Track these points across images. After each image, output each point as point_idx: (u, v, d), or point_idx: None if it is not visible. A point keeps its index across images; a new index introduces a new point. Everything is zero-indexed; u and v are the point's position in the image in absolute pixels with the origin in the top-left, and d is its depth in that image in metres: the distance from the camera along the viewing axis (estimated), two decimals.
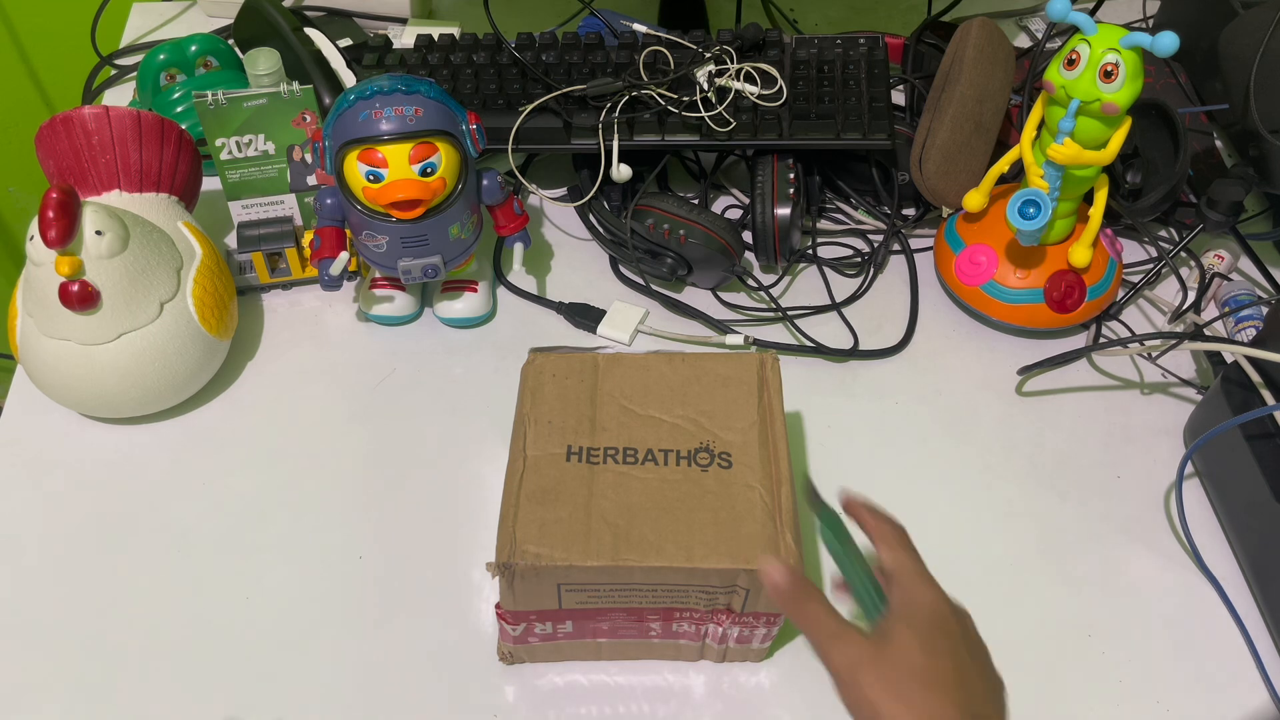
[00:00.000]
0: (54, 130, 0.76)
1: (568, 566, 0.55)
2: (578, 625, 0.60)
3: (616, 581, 0.56)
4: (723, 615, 0.60)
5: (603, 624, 0.60)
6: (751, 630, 0.61)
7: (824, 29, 1.09)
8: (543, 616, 0.59)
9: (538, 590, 0.56)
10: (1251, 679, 0.67)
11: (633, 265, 0.85)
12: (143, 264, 0.70)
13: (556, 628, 0.60)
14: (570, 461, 0.59)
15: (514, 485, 0.58)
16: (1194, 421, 0.76)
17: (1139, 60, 0.69)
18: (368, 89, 0.72)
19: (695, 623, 0.60)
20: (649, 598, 0.58)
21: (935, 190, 0.84)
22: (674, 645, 0.63)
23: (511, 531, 0.55)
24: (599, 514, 0.56)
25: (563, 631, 0.61)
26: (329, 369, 0.80)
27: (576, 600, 0.58)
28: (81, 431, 0.76)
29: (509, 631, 0.60)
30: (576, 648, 0.63)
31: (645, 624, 0.60)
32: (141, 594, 0.68)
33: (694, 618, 0.60)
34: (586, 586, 0.56)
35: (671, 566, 0.55)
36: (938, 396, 0.80)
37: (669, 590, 0.57)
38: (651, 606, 0.59)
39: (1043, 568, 0.71)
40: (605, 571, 0.55)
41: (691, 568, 0.55)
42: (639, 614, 0.59)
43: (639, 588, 0.57)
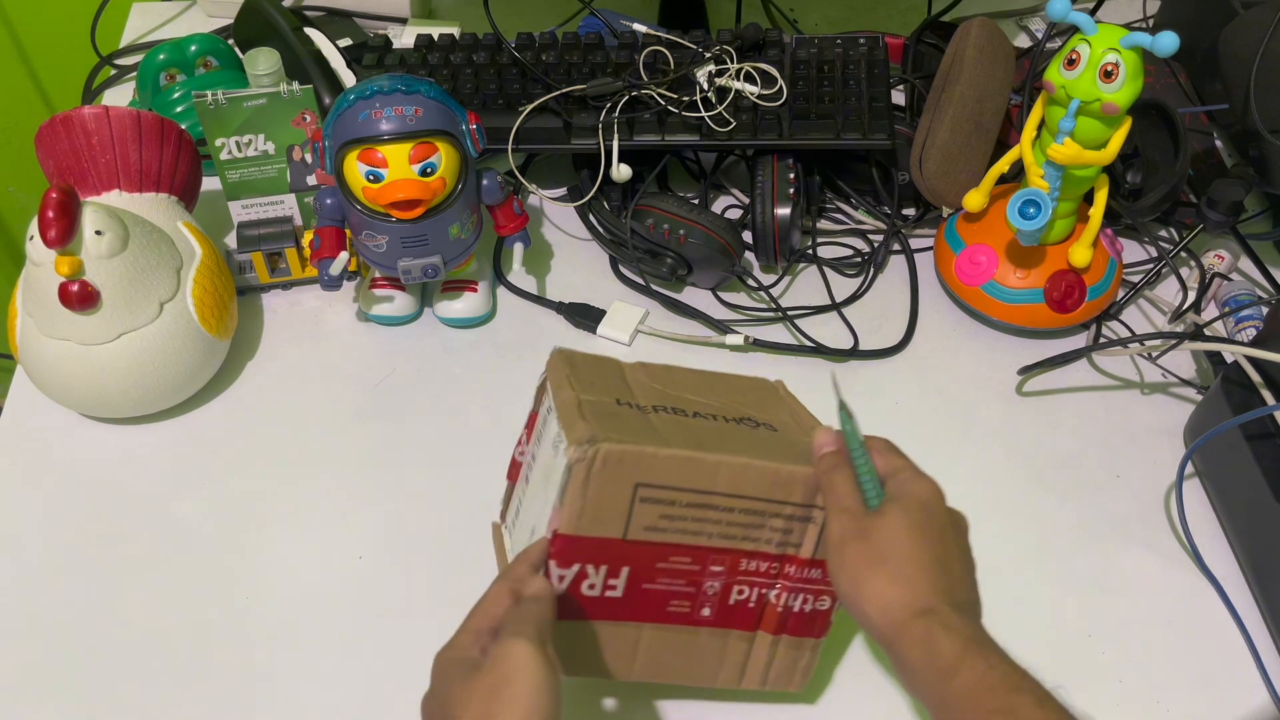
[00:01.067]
0: (54, 130, 0.76)
1: (654, 454, 0.52)
2: (630, 586, 0.55)
3: (698, 489, 0.53)
4: (790, 566, 0.57)
5: (659, 582, 0.55)
6: (813, 607, 0.58)
7: (824, 29, 1.09)
8: (599, 555, 0.54)
9: (612, 496, 0.52)
10: (1251, 679, 0.67)
11: (633, 265, 0.85)
12: (143, 264, 0.70)
13: (607, 585, 0.54)
14: (622, 406, 0.56)
15: (570, 401, 0.54)
16: (1194, 421, 0.76)
17: (1139, 60, 0.69)
18: (368, 89, 0.72)
19: (759, 582, 0.57)
20: (723, 527, 0.55)
21: (935, 190, 0.84)
22: (721, 641, 0.58)
23: (584, 419, 0.52)
24: (669, 432, 0.54)
25: (611, 593, 0.55)
26: (329, 369, 0.80)
27: (648, 521, 0.54)
28: (81, 431, 0.76)
29: (555, 576, 0.54)
30: (613, 638, 0.56)
31: (703, 585, 0.56)
32: (141, 594, 0.68)
33: (760, 571, 0.57)
34: (665, 497, 0.53)
35: (759, 464, 0.54)
36: (938, 396, 0.80)
37: (748, 514, 0.55)
38: (722, 545, 0.55)
39: (1043, 568, 0.71)
40: (690, 467, 0.53)
41: (779, 467, 0.55)
42: (702, 559, 0.55)
43: (718, 510, 0.54)
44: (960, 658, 0.49)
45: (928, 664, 0.50)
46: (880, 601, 0.51)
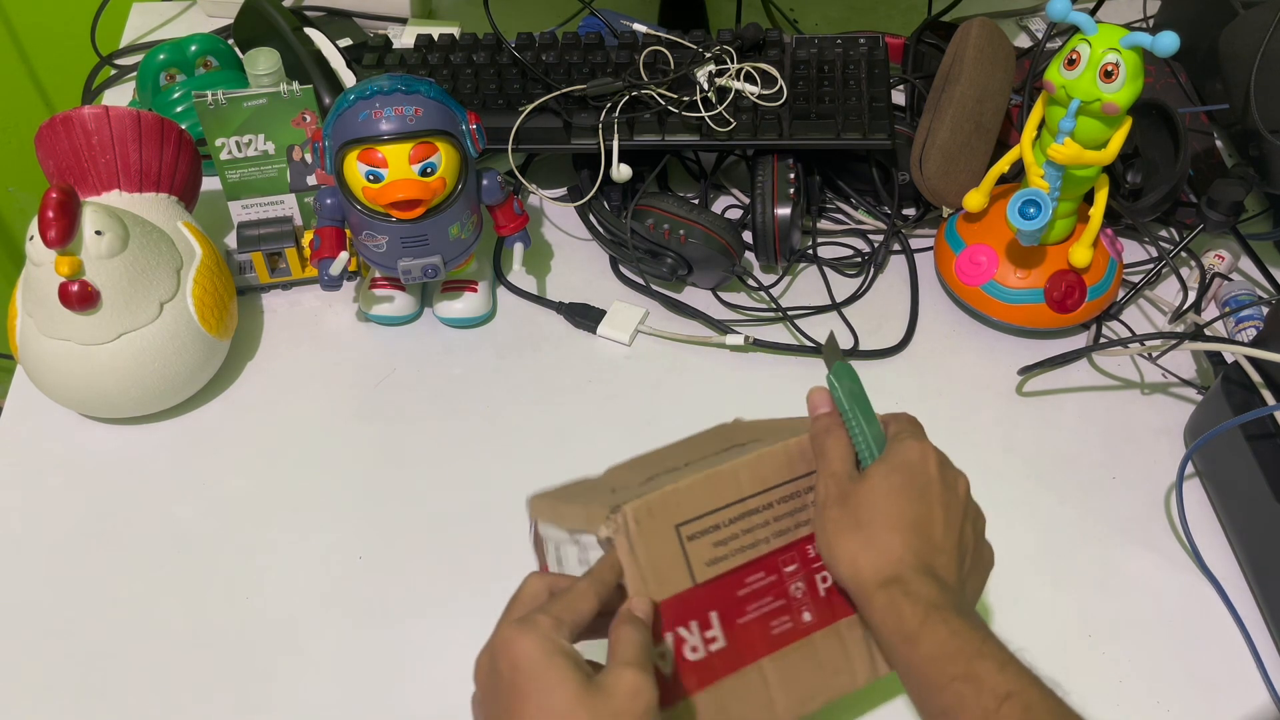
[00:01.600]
0: (54, 130, 0.76)
1: (675, 490, 0.52)
2: (728, 629, 0.53)
3: (730, 503, 0.53)
4: None
5: (750, 610, 0.54)
6: None
7: (824, 29, 1.09)
8: (684, 614, 0.52)
9: (661, 549, 0.52)
10: (1251, 679, 0.67)
11: (633, 265, 0.85)
12: (142, 264, 0.70)
13: (707, 640, 0.52)
14: (619, 492, 0.55)
15: (576, 514, 0.54)
16: (1194, 421, 0.76)
17: (1139, 60, 0.69)
18: (368, 89, 0.72)
19: None
20: (773, 525, 0.54)
21: (935, 190, 0.84)
22: (836, 638, 0.55)
23: (599, 508, 0.52)
24: (673, 479, 0.54)
25: (715, 646, 0.52)
26: (329, 369, 0.80)
27: (706, 555, 0.53)
28: (81, 431, 0.76)
29: (660, 665, 0.50)
30: (742, 691, 0.53)
31: (789, 591, 0.54)
32: (141, 594, 0.68)
33: None
34: (708, 525, 0.53)
35: (769, 450, 0.55)
36: (938, 396, 0.80)
37: (786, 500, 0.55)
38: (782, 543, 0.54)
39: (1043, 568, 0.71)
40: (713, 486, 0.53)
41: (787, 444, 0.55)
42: (774, 567, 0.54)
43: (759, 511, 0.54)
44: (923, 624, 0.49)
45: (894, 630, 0.50)
46: (852, 567, 0.52)
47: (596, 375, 0.80)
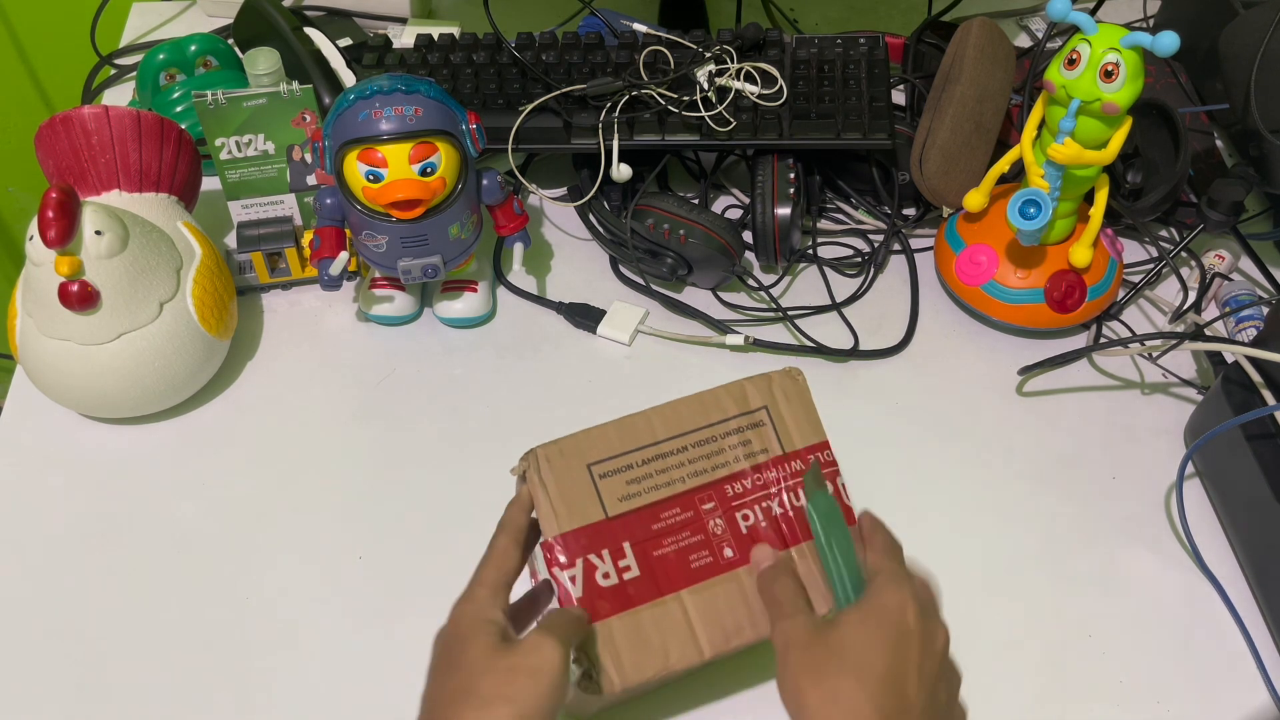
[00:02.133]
0: (53, 130, 0.76)
1: (585, 434, 0.56)
2: (642, 560, 0.55)
3: (642, 445, 0.56)
4: (770, 471, 0.58)
5: (666, 544, 0.56)
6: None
7: (824, 29, 1.09)
8: (595, 542, 0.55)
9: (572, 485, 0.55)
10: (1251, 679, 0.67)
11: (633, 265, 0.85)
12: (142, 264, 0.70)
13: (620, 569, 0.55)
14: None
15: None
16: (1194, 421, 0.76)
17: (1139, 60, 0.69)
18: (367, 89, 0.72)
19: (754, 499, 0.57)
20: (688, 466, 0.57)
21: (935, 190, 0.84)
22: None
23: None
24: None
25: (630, 574, 0.55)
26: (329, 369, 0.80)
27: (618, 492, 0.56)
28: (81, 431, 0.76)
29: (567, 585, 0.54)
30: (660, 622, 0.55)
31: (708, 527, 0.56)
32: (141, 594, 0.68)
33: (748, 490, 0.57)
34: (619, 465, 0.56)
35: (683, 400, 0.57)
36: (938, 396, 0.80)
37: (701, 444, 0.57)
38: (698, 483, 0.57)
39: (1043, 568, 0.71)
40: (625, 430, 0.56)
41: (701, 393, 0.57)
42: (690, 504, 0.56)
43: (673, 454, 0.57)
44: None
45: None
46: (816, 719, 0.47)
47: (596, 375, 0.80)
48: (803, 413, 0.60)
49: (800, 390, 0.61)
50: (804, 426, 0.60)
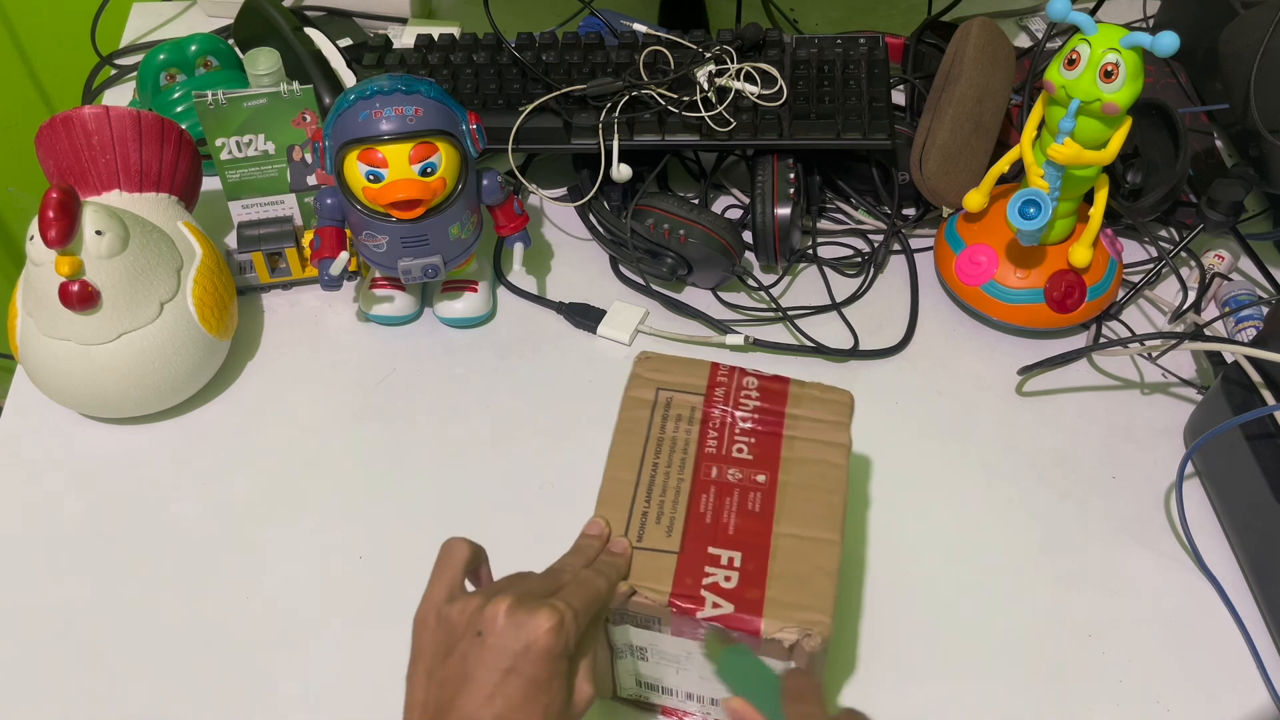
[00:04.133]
0: (54, 130, 0.76)
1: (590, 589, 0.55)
2: (722, 543, 0.56)
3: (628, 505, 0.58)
4: (714, 409, 0.61)
5: (724, 520, 0.57)
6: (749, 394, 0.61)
7: (824, 29, 1.09)
8: (690, 573, 0.55)
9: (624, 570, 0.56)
10: (1251, 679, 0.67)
11: (633, 265, 0.85)
12: (143, 264, 0.70)
13: (723, 565, 0.55)
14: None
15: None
16: (1194, 421, 0.76)
17: (1139, 60, 0.69)
18: (368, 89, 0.72)
19: (729, 435, 0.60)
20: (673, 473, 0.58)
21: (935, 190, 0.84)
22: (798, 464, 0.59)
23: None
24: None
25: (736, 560, 0.55)
26: (329, 369, 0.80)
27: (658, 541, 0.57)
28: (81, 431, 0.76)
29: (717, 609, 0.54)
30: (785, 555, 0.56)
31: (728, 478, 0.58)
32: (141, 594, 0.68)
33: (719, 437, 0.60)
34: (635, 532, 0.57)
35: (610, 452, 0.60)
36: (938, 396, 0.80)
37: (659, 454, 0.59)
38: (690, 471, 0.58)
39: (1043, 568, 0.71)
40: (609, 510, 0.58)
41: (615, 434, 0.60)
42: (704, 486, 0.58)
43: (655, 481, 0.58)
44: None
45: None
46: None
47: (596, 375, 0.80)
48: (679, 367, 0.63)
49: (661, 359, 0.64)
50: (690, 373, 0.63)
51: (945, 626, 0.68)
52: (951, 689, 0.65)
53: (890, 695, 0.65)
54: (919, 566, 0.71)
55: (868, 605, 0.69)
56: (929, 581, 0.70)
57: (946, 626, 0.68)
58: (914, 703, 0.64)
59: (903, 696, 0.65)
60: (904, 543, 0.72)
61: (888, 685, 0.65)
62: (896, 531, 0.72)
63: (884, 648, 0.67)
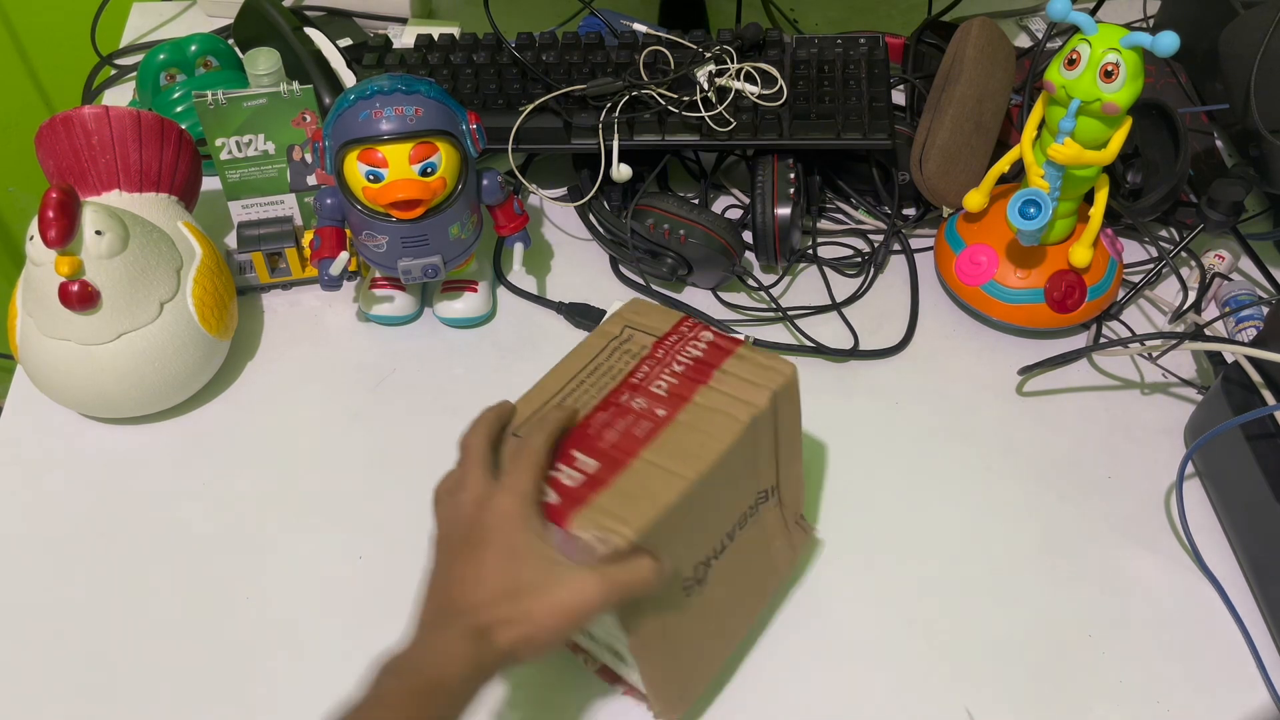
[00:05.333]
0: (54, 130, 0.76)
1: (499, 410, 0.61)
2: (593, 453, 0.58)
3: (548, 397, 0.61)
4: (658, 352, 0.63)
5: (606, 435, 0.59)
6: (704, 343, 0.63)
7: (824, 29, 1.09)
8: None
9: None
10: (1251, 679, 0.67)
11: (633, 265, 0.85)
12: (143, 264, 0.70)
13: (578, 468, 0.58)
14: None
15: None
16: (1194, 421, 0.76)
17: (1139, 60, 0.69)
18: (368, 89, 0.72)
19: (657, 373, 0.62)
20: (592, 390, 0.61)
21: (935, 190, 0.84)
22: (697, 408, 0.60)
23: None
24: None
25: (591, 470, 0.57)
26: (329, 369, 0.80)
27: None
28: (81, 431, 0.76)
29: (547, 499, 0.56)
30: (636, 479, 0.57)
31: (631, 406, 0.60)
32: (141, 594, 0.68)
33: (649, 372, 0.62)
34: (537, 416, 0.60)
35: (562, 359, 0.63)
36: (938, 396, 0.80)
37: (592, 375, 0.62)
38: (607, 391, 0.61)
39: (1043, 568, 0.71)
40: (530, 397, 0.62)
41: (573, 349, 0.63)
42: (610, 402, 0.60)
43: (574, 389, 0.61)
44: None
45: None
46: None
47: None
48: (657, 314, 0.65)
49: (646, 305, 0.66)
50: (662, 320, 0.65)
51: (945, 626, 0.68)
52: (952, 688, 0.65)
53: (890, 694, 0.65)
54: (919, 566, 0.71)
55: (867, 605, 0.69)
56: (929, 581, 0.70)
57: (947, 626, 0.68)
58: (914, 702, 0.64)
59: (903, 695, 0.65)
60: (904, 543, 0.72)
61: (888, 684, 0.65)
62: (896, 531, 0.72)
63: (884, 647, 0.67)
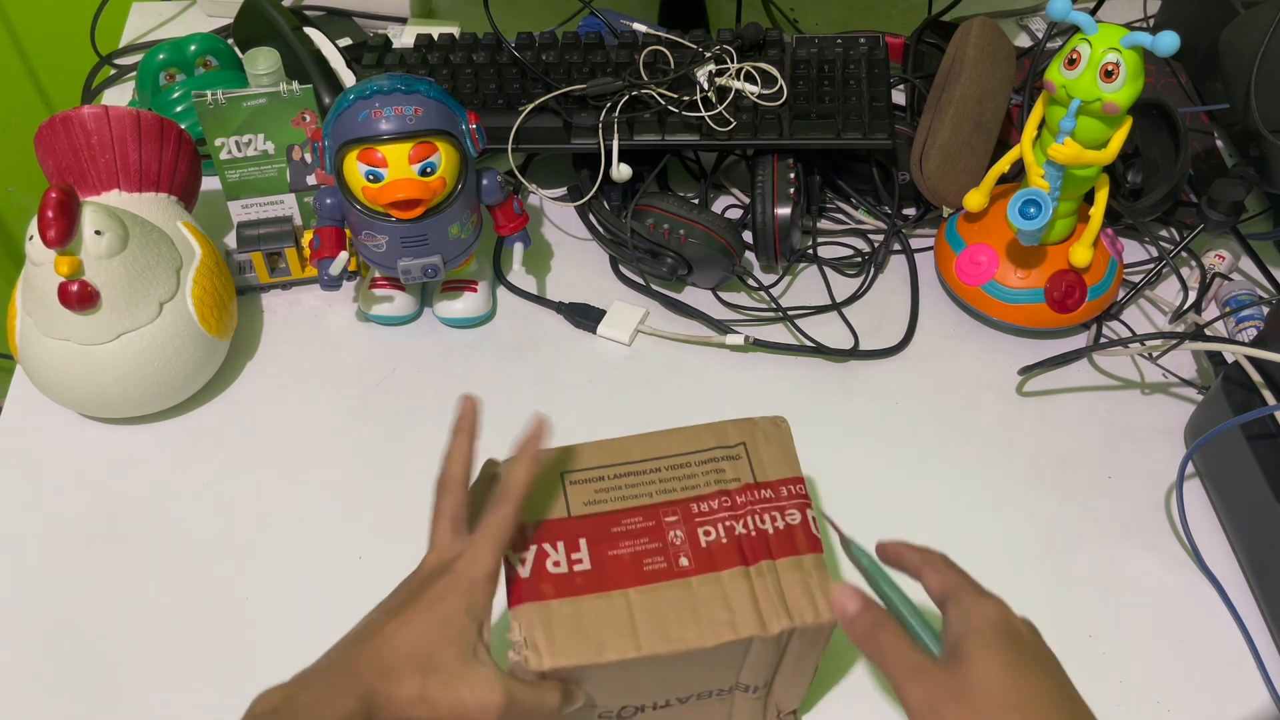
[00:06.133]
0: (53, 130, 0.76)
1: (569, 448, 0.59)
2: (595, 556, 0.56)
3: (618, 464, 0.59)
4: (738, 496, 0.58)
5: (623, 546, 0.56)
6: (784, 523, 0.57)
7: (824, 29, 1.09)
8: (552, 534, 0.56)
9: (542, 486, 0.57)
10: (1251, 679, 0.67)
11: (633, 265, 0.85)
12: (142, 264, 0.70)
13: (572, 560, 0.56)
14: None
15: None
16: (1194, 421, 0.76)
17: (1140, 60, 0.69)
18: (367, 89, 0.72)
19: (719, 518, 0.57)
20: (658, 484, 0.58)
21: (936, 190, 0.84)
22: (716, 585, 0.55)
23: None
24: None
25: (580, 567, 0.55)
26: (329, 369, 0.80)
27: (585, 498, 0.57)
28: (81, 431, 0.76)
29: (516, 566, 0.55)
30: (604, 612, 0.55)
31: (668, 537, 0.57)
32: (141, 594, 0.68)
33: (713, 510, 0.57)
34: (592, 476, 0.58)
35: (667, 431, 0.60)
36: (938, 396, 0.80)
37: (675, 468, 0.59)
38: (665, 500, 0.57)
39: (1043, 568, 0.71)
40: (606, 449, 0.59)
41: (686, 428, 0.60)
42: (654, 515, 0.57)
43: (645, 473, 0.58)
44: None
45: None
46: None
47: (596, 375, 0.80)
48: (780, 452, 0.60)
49: (782, 435, 0.61)
50: (779, 463, 0.60)
51: None
52: None
53: (889, 693, 0.65)
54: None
55: None
56: None
57: None
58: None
59: None
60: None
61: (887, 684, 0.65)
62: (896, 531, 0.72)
63: None
